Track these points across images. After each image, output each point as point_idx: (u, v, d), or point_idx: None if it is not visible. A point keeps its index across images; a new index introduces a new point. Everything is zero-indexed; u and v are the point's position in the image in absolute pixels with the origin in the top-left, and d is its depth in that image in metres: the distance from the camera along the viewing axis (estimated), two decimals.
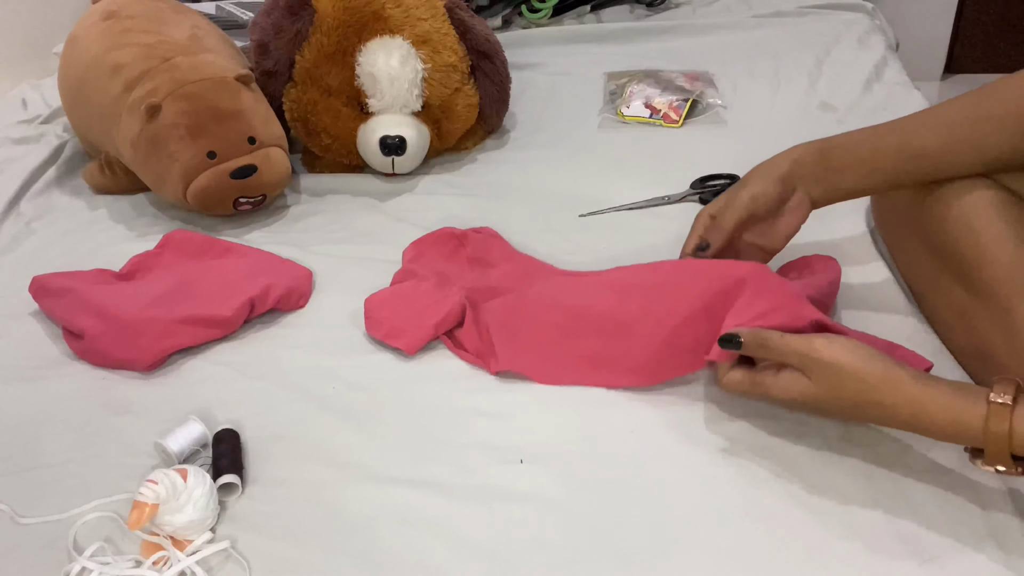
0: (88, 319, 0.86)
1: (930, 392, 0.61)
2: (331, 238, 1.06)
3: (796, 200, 0.81)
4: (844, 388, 0.64)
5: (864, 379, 0.63)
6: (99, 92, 1.09)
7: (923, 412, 0.61)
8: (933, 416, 0.61)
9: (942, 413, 0.60)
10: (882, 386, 0.62)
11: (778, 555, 0.63)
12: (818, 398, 0.65)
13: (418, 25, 1.12)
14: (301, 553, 0.66)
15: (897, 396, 0.62)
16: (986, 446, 0.59)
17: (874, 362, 0.63)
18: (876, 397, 0.63)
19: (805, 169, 0.80)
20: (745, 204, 0.80)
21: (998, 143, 0.75)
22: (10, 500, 0.71)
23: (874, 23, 1.54)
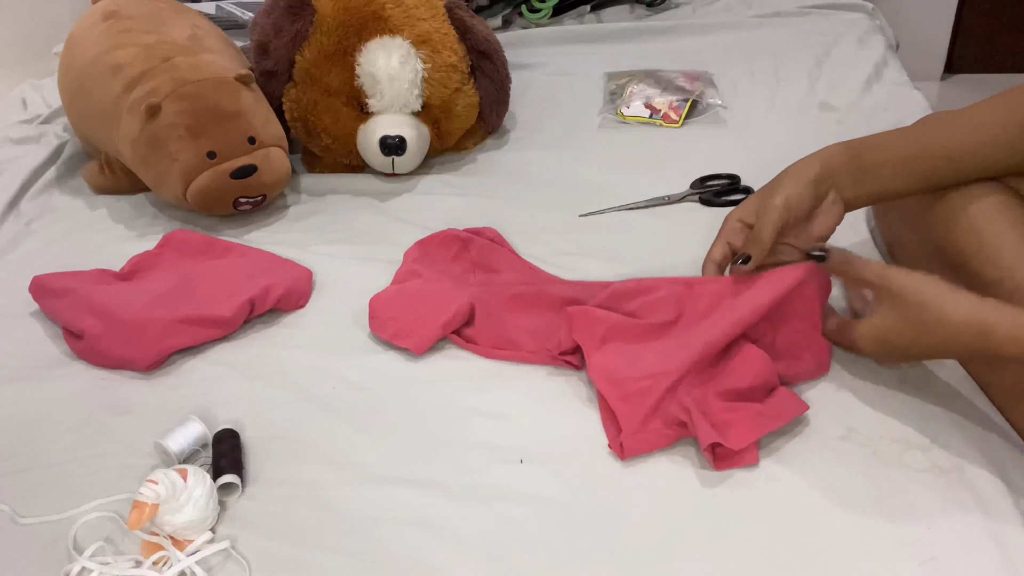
0: (88, 319, 0.86)
1: (989, 305, 0.65)
2: (331, 238, 1.06)
3: (830, 200, 0.80)
4: (911, 313, 0.68)
5: (929, 302, 0.67)
6: (99, 92, 1.09)
7: (986, 327, 0.64)
8: (995, 328, 0.64)
9: (1005, 325, 0.63)
10: (946, 305, 0.66)
11: (778, 555, 0.63)
12: (892, 329, 0.69)
13: (418, 25, 1.12)
14: (301, 553, 0.66)
15: (970, 319, 0.65)
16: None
17: (940, 287, 0.67)
18: (940, 315, 0.66)
19: (836, 170, 0.79)
20: (780, 212, 0.78)
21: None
22: (10, 500, 0.71)
23: (874, 23, 1.54)
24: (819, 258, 0.74)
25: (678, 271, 0.94)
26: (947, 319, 0.66)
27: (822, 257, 0.74)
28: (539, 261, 0.97)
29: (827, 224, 0.80)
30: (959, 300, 0.66)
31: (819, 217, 0.80)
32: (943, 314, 0.66)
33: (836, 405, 0.76)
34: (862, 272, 0.72)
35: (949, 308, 0.66)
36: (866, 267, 0.72)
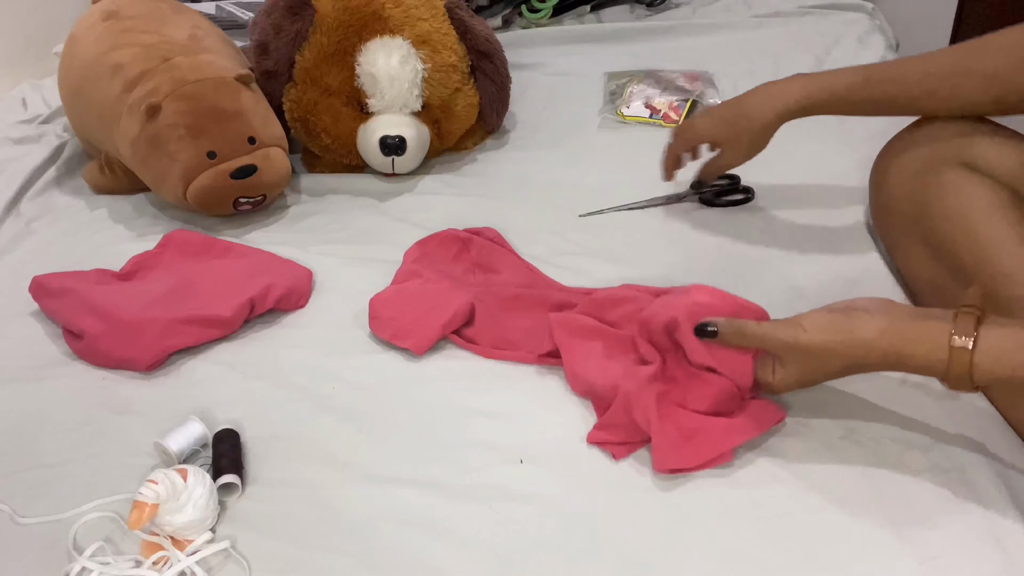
0: (88, 319, 0.86)
1: (896, 344, 0.64)
2: (331, 238, 1.06)
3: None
4: (825, 366, 0.68)
5: (839, 352, 0.66)
6: (99, 92, 1.09)
7: (895, 363, 0.65)
8: (905, 365, 0.65)
9: (911, 362, 0.64)
10: (854, 351, 0.66)
11: (778, 555, 0.63)
12: (807, 380, 0.70)
13: (418, 25, 1.12)
14: (301, 553, 0.66)
15: (868, 354, 0.65)
16: (950, 385, 0.64)
17: (839, 332, 0.66)
18: (854, 361, 0.66)
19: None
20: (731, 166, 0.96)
21: (972, 98, 0.82)
22: (10, 500, 0.71)
23: (874, 23, 1.54)
24: (710, 334, 0.72)
25: (678, 271, 0.94)
26: (855, 354, 0.66)
27: (713, 333, 0.72)
28: (539, 261, 0.97)
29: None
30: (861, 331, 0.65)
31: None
32: (851, 350, 0.66)
33: (836, 405, 0.76)
34: (759, 342, 0.70)
35: (855, 342, 0.66)
36: (760, 337, 0.70)
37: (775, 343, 0.69)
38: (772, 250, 0.98)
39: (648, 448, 0.72)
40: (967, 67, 0.82)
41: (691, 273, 0.93)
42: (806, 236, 0.99)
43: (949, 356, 0.62)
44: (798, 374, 0.69)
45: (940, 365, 0.63)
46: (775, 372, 0.70)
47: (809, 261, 0.95)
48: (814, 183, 1.08)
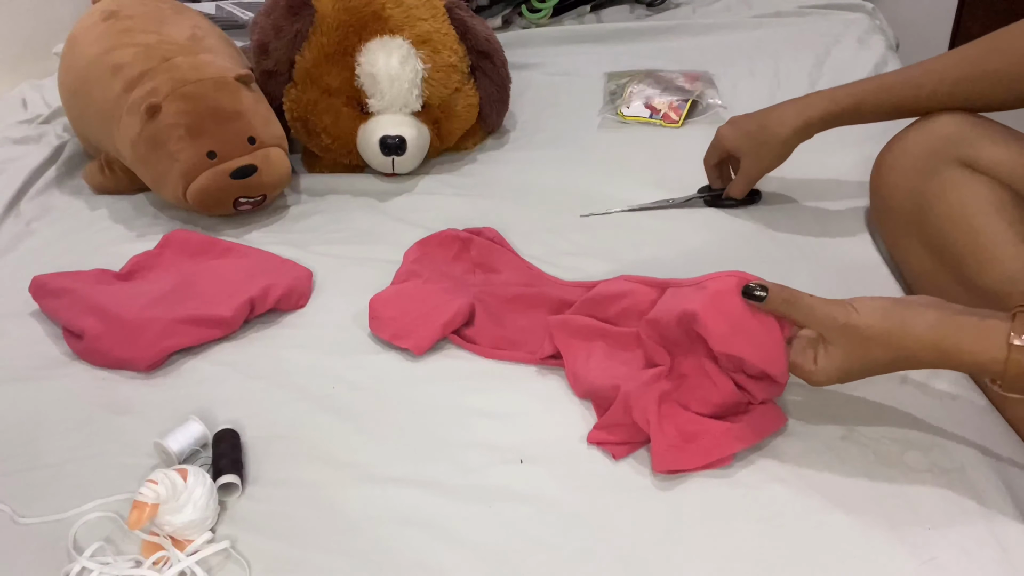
0: (88, 319, 0.86)
1: (951, 338, 0.62)
2: (331, 238, 1.06)
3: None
4: (871, 354, 0.65)
5: (890, 341, 0.64)
6: (99, 92, 1.09)
7: (946, 359, 0.63)
8: (956, 361, 0.63)
9: (965, 357, 0.62)
10: (905, 341, 0.63)
11: (779, 555, 0.63)
12: (851, 369, 0.66)
13: (418, 25, 1.12)
14: (301, 553, 0.66)
15: (919, 347, 0.63)
16: (1005, 387, 0.62)
17: (892, 319, 0.64)
18: (903, 354, 0.64)
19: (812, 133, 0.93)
20: (753, 177, 0.97)
21: (990, 99, 0.84)
22: (10, 500, 0.71)
23: (874, 23, 1.54)
24: (758, 298, 0.68)
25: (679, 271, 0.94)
26: (906, 345, 0.63)
27: (761, 297, 0.68)
28: (539, 261, 0.97)
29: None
30: (914, 322, 0.63)
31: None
32: (902, 340, 0.63)
33: (836, 405, 0.76)
34: (807, 315, 0.67)
35: (907, 332, 0.63)
36: (810, 309, 0.66)
37: (825, 319, 0.65)
38: (772, 249, 0.98)
39: (648, 448, 0.72)
40: (991, 69, 0.84)
41: (692, 274, 0.93)
42: (806, 235, 0.99)
43: (1008, 355, 0.60)
44: (842, 361, 0.66)
45: (996, 365, 0.61)
46: (817, 358, 0.67)
47: (809, 260, 0.95)
48: (815, 182, 1.08)
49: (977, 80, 0.84)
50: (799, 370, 0.68)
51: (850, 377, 0.67)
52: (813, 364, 0.67)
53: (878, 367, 0.66)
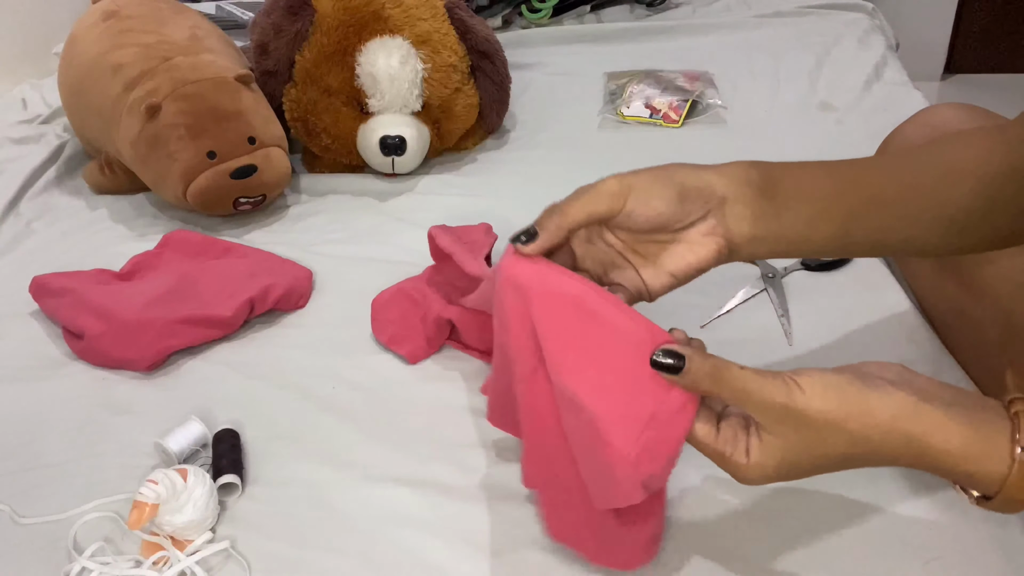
0: (88, 319, 0.86)
1: (932, 436, 0.48)
2: (331, 238, 1.06)
3: (704, 230, 0.57)
4: (822, 445, 0.49)
5: (846, 428, 0.48)
6: (99, 92, 1.09)
7: (921, 460, 0.49)
8: (933, 464, 0.49)
9: (947, 462, 0.48)
10: (867, 432, 0.48)
11: (779, 556, 0.63)
12: (794, 465, 0.51)
13: (418, 25, 1.12)
14: (301, 553, 0.66)
15: (885, 440, 0.48)
16: (995, 505, 0.48)
17: (849, 401, 0.48)
18: (862, 448, 0.49)
19: (738, 189, 0.56)
20: (607, 198, 0.56)
21: (958, 197, 0.60)
22: (10, 500, 0.71)
23: (874, 23, 1.54)
24: (671, 368, 0.50)
25: None
26: (868, 436, 0.48)
27: (676, 368, 0.50)
28: None
29: (686, 259, 0.57)
30: (880, 406, 0.48)
31: (678, 247, 0.57)
32: (863, 431, 0.48)
33: None
34: (738, 395, 0.50)
35: (870, 420, 0.48)
36: (742, 387, 0.49)
37: (762, 402, 0.49)
38: None
39: None
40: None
41: None
42: None
43: (1011, 470, 0.46)
44: (782, 455, 0.50)
45: (992, 477, 0.47)
46: (750, 450, 0.50)
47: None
48: None
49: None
50: (727, 463, 0.52)
51: (792, 475, 0.51)
52: (745, 457, 0.51)
53: (829, 463, 0.50)
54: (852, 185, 0.59)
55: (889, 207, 0.59)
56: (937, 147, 0.62)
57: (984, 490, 0.48)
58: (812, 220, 0.57)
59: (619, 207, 0.56)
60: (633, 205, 0.55)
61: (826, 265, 0.93)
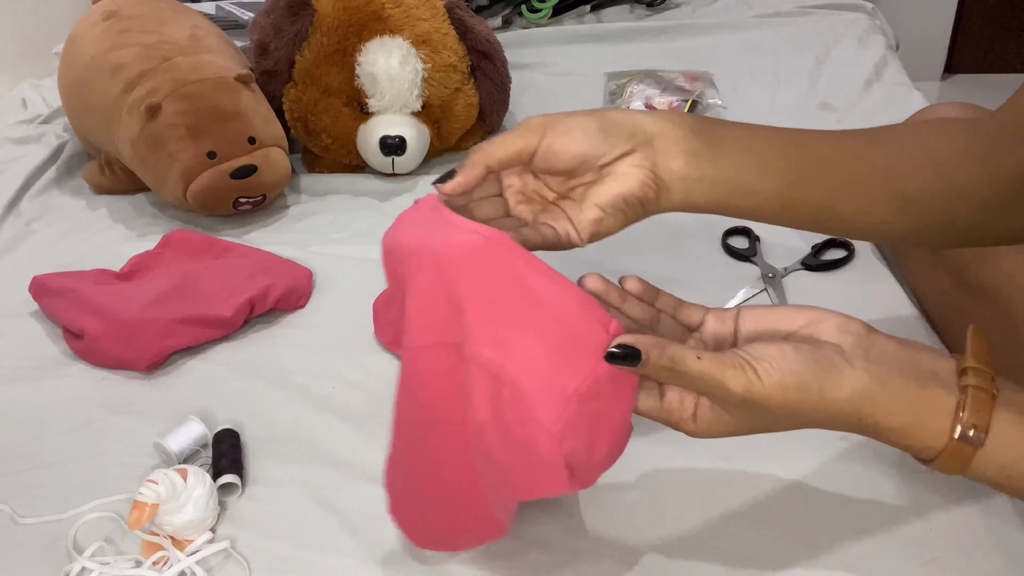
0: (88, 319, 0.86)
1: (879, 413, 0.49)
2: (331, 238, 1.06)
3: (630, 161, 0.55)
4: (776, 424, 0.51)
5: (801, 413, 0.49)
6: (99, 92, 1.09)
7: (870, 433, 0.51)
8: (880, 438, 0.51)
9: (891, 436, 0.50)
10: (819, 416, 0.49)
11: (779, 556, 0.63)
12: (743, 431, 0.52)
13: (418, 25, 1.12)
14: (301, 553, 0.66)
15: (838, 419, 0.50)
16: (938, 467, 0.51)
17: (808, 391, 0.48)
18: (813, 423, 0.50)
19: (670, 128, 0.55)
20: (526, 132, 0.54)
21: (913, 172, 0.59)
22: (10, 500, 0.71)
23: (874, 23, 1.54)
24: (628, 360, 0.48)
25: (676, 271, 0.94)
26: (819, 419, 0.50)
27: (633, 360, 0.48)
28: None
29: (611, 190, 0.56)
30: (836, 393, 0.49)
31: (604, 180, 0.56)
32: (816, 415, 0.49)
33: None
34: (696, 384, 0.49)
35: (825, 406, 0.49)
36: (699, 377, 0.48)
37: (720, 391, 0.48)
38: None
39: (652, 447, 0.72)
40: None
41: (689, 271, 0.93)
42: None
43: (946, 448, 0.49)
44: (734, 428, 0.51)
45: (929, 453, 0.50)
46: (698, 413, 0.51)
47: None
48: None
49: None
50: (671, 417, 0.51)
51: (744, 434, 0.52)
52: (692, 423, 0.51)
53: (783, 429, 0.52)
54: (798, 146, 0.59)
55: (836, 171, 0.58)
56: (900, 126, 0.62)
57: (920, 457, 0.51)
58: (755, 170, 0.56)
59: (537, 141, 0.54)
60: (553, 137, 0.54)
61: (826, 265, 0.93)
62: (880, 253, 0.95)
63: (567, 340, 0.49)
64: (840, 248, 0.95)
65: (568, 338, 0.49)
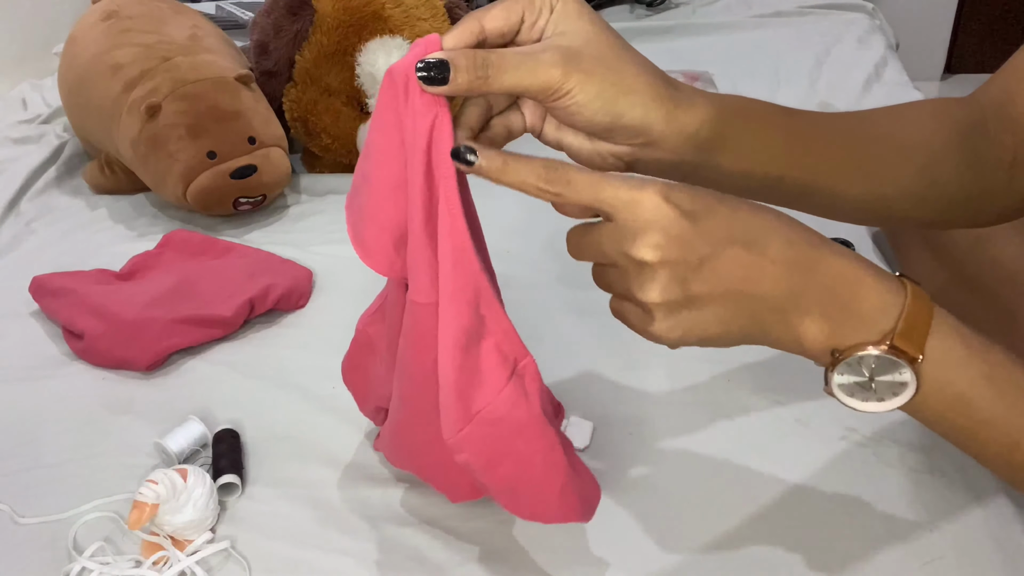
0: (88, 319, 0.86)
1: (830, 255, 0.45)
2: (331, 238, 1.05)
3: (616, 151, 0.51)
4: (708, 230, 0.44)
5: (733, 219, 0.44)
6: (99, 92, 1.09)
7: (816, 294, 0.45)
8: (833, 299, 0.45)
9: (844, 288, 0.45)
10: (753, 223, 0.44)
11: (778, 556, 0.63)
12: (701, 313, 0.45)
13: (418, 25, 1.12)
14: (301, 553, 0.66)
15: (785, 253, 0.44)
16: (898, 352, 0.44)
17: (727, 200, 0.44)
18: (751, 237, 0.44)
19: (674, 142, 0.50)
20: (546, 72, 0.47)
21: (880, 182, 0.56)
22: (10, 500, 0.71)
23: (874, 23, 1.54)
24: (465, 159, 0.46)
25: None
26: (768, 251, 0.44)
27: (467, 157, 0.46)
28: (537, 261, 0.97)
29: (583, 159, 0.53)
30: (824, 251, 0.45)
31: (584, 145, 0.52)
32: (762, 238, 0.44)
33: (836, 405, 0.75)
34: (589, 197, 0.46)
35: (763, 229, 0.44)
36: (595, 188, 0.45)
37: (625, 205, 0.44)
38: None
39: (652, 447, 0.72)
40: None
41: None
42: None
43: (906, 294, 0.45)
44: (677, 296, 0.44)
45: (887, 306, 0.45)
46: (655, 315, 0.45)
47: None
48: None
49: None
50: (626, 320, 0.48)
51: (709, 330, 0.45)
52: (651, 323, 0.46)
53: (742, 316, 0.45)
54: (784, 116, 0.54)
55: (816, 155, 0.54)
56: (879, 115, 0.59)
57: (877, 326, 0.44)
58: (742, 184, 0.53)
59: (561, 85, 0.47)
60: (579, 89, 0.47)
61: None
62: (880, 253, 0.95)
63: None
64: None
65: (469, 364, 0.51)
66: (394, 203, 0.52)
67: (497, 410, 0.51)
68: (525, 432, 0.52)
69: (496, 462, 0.53)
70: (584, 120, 0.49)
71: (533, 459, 0.53)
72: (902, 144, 0.56)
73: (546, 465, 0.54)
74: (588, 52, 0.47)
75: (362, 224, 0.55)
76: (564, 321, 0.88)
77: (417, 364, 0.55)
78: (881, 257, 0.94)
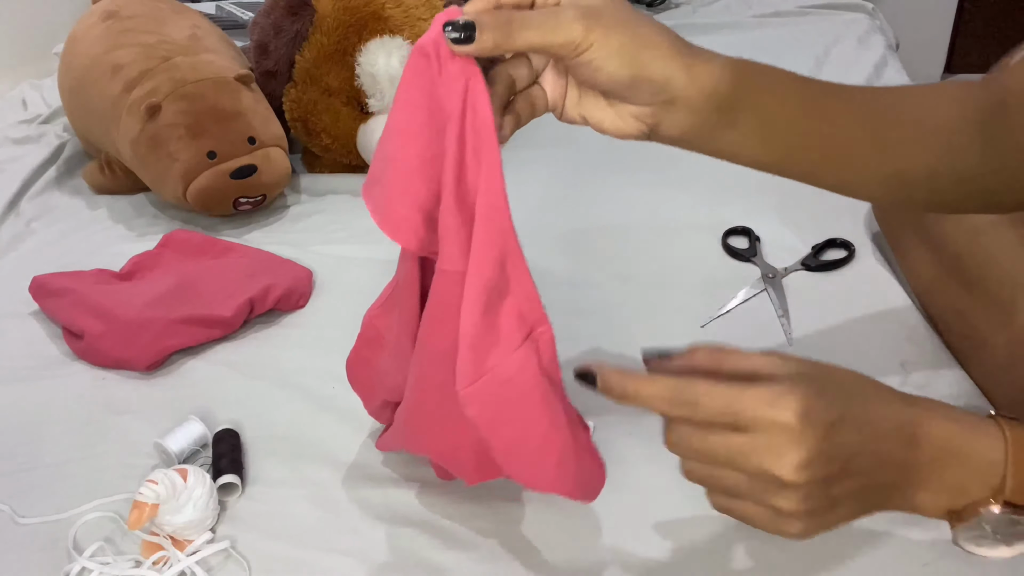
0: (88, 319, 0.86)
1: (932, 419, 0.47)
2: (331, 238, 1.06)
3: (636, 112, 0.52)
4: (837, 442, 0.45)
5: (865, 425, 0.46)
6: (99, 92, 1.09)
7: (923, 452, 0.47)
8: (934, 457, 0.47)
9: (948, 440, 0.47)
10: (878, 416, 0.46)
11: (778, 556, 0.63)
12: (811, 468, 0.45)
13: (418, 25, 1.12)
14: (301, 553, 0.66)
15: (891, 427, 0.47)
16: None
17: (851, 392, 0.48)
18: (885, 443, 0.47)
19: (695, 99, 0.51)
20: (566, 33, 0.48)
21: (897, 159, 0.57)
22: (10, 500, 0.71)
23: (874, 23, 1.54)
24: (587, 378, 0.50)
25: (677, 272, 0.94)
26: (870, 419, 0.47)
27: (587, 381, 0.50)
28: (536, 262, 0.97)
29: (603, 124, 0.55)
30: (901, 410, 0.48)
31: (604, 110, 0.54)
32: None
33: None
34: (714, 411, 0.47)
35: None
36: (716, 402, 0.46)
37: (765, 426, 0.45)
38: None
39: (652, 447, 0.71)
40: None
41: (690, 271, 0.93)
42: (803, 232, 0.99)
43: (1008, 440, 0.47)
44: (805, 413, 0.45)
45: (991, 456, 0.47)
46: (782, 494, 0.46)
47: None
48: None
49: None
50: (745, 517, 0.51)
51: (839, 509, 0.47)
52: (784, 523, 0.47)
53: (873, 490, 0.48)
54: (800, 85, 0.58)
55: (828, 146, 0.58)
56: (902, 93, 0.60)
57: (984, 481, 0.47)
58: (758, 147, 0.55)
59: (583, 39, 0.48)
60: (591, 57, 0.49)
61: (826, 265, 0.93)
62: (880, 253, 0.95)
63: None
64: (840, 248, 0.95)
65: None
66: (423, 178, 0.53)
67: (507, 370, 0.51)
68: (530, 396, 0.52)
69: (500, 422, 0.53)
70: (606, 76, 0.49)
71: (535, 425, 0.53)
72: (921, 123, 0.57)
73: (548, 432, 0.54)
74: (607, 10, 0.49)
75: (388, 205, 0.56)
76: (565, 321, 0.88)
77: (439, 336, 0.55)
78: (882, 259, 0.94)
